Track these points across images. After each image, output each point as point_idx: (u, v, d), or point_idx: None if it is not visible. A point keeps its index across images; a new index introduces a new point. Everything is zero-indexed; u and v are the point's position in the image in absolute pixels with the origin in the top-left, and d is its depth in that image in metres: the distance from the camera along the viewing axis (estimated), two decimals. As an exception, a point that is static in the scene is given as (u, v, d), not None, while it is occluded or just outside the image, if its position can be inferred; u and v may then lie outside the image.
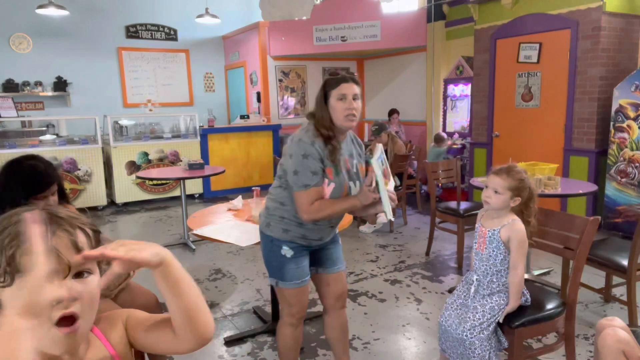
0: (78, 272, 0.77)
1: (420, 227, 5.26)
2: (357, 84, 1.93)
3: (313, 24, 7.44)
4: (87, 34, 7.87)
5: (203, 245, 4.71)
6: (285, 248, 2.00)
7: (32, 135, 6.93)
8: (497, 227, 2.03)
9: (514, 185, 2.00)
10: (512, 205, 2.03)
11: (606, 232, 4.49)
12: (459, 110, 6.94)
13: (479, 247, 2.09)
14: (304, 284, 2.06)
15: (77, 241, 0.77)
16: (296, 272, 2.02)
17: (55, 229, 0.76)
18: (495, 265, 2.03)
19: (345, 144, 2.00)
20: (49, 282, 0.73)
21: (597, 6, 4.59)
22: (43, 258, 0.72)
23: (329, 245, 2.14)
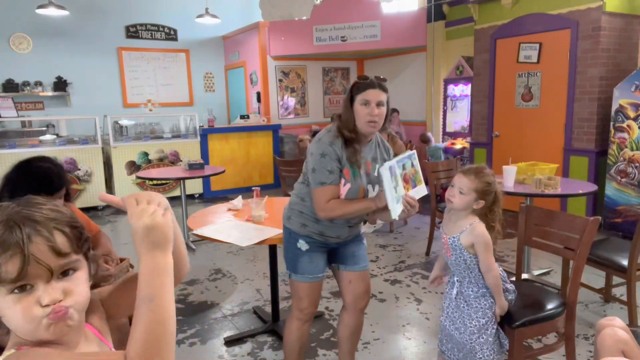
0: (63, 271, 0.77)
1: (420, 227, 5.26)
2: (384, 90, 1.96)
3: (313, 24, 7.44)
4: (87, 34, 7.87)
5: (203, 245, 4.71)
6: (301, 241, 2.07)
7: (32, 135, 6.94)
8: (456, 234, 1.96)
9: (480, 187, 1.92)
10: (475, 208, 1.95)
11: (606, 232, 4.49)
12: (459, 110, 6.94)
13: (446, 253, 2.04)
14: (316, 280, 2.09)
15: (55, 245, 0.75)
16: (309, 267, 2.07)
17: (31, 234, 0.73)
18: (468, 268, 1.97)
19: (369, 147, 2.03)
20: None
21: (597, 6, 4.59)
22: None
23: (352, 244, 2.15)
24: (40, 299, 0.73)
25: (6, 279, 0.72)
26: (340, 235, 2.08)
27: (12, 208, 0.77)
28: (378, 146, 2.07)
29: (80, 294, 0.78)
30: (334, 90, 8.74)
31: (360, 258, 2.16)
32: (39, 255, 0.73)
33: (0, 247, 0.72)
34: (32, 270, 0.72)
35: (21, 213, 0.76)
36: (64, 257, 0.76)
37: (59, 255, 0.75)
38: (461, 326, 1.99)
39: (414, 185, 1.91)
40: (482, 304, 1.98)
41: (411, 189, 1.89)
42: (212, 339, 2.88)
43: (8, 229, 0.73)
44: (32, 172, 1.96)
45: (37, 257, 0.72)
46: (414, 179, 1.91)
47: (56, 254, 0.75)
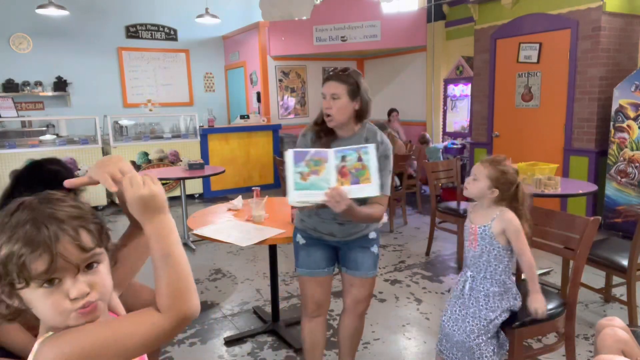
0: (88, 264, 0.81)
1: (420, 227, 5.26)
2: (343, 82, 1.91)
3: (313, 24, 7.44)
4: (87, 34, 7.87)
5: (203, 245, 4.71)
6: (299, 236, 2.13)
7: (32, 135, 6.93)
8: (487, 222, 1.98)
9: (494, 175, 1.94)
10: (490, 197, 1.97)
11: (606, 232, 4.49)
12: (459, 110, 6.94)
13: (471, 245, 2.06)
14: (314, 275, 2.10)
15: (81, 243, 0.79)
16: (306, 261, 2.10)
17: (57, 233, 0.77)
18: (488, 262, 1.99)
19: (350, 141, 1.93)
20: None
21: (597, 6, 4.59)
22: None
23: (357, 248, 2.09)
24: (69, 292, 0.78)
25: (36, 275, 0.76)
26: (332, 232, 2.04)
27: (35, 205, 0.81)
28: (367, 141, 1.93)
29: (104, 286, 0.83)
30: (334, 90, 8.73)
31: (362, 265, 2.09)
32: (66, 252, 0.77)
33: (29, 246, 0.75)
34: (59, 266, 0.76)
35: (46, 212, 0.79)
36: (88, 252, 0.80)
37: (84, 251, 0.79)
38: (462, 325, 1.99)
39: (355, 181, 1.71)
40: (490, 304, 1.98)
41: (349, 185, 1.71)
42: (212, 339, 2.88)
43: (35, 228, 0.77)
44: (42, 175, 1.96)
45: (64, 255, 0.77)
46: (356, 175, 1.72)
47: (81, 250, 0.79)
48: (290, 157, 1.71)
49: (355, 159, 1.73)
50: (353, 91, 1.91)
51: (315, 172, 1.70)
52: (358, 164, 1.73)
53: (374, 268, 2.14)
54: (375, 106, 7.46)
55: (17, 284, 0.76)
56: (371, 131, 2.00)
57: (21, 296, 0.78)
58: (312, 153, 1.73)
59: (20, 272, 0.75)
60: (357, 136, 1.98)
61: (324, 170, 1.71)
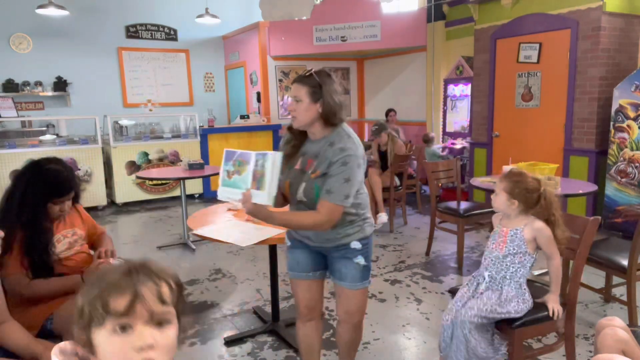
0: (159, 321, 0.83)
1: (420, 227, 5.26)
2: (304, 84, 1.83)
3: (313, 24, 7.44)
4: (87, 34, 7.87)
5: (203, 245, 4.71)
6: (286, 238, 2.14)
7: (32, 135, 6.94)
8: (520, 226, 2.06)
9: (509, 187, 2.03)
10: (512, 208, 2.05)
11: (606, 232, 4.49)
12: (459, 110, 6.94)
13: (497, 247, 2.11)
14: (297, 278, 2.09)
15: (161, 292, 0.84)
16: (291, 263, 2.10)
17: (143, 279, 0.84)
18: (512, 263, 2.06)
19: (317, 144, 1.89)
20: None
21: (597, 6, 4.59)
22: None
23: (341, 258, 1.99)
24: (136, 340, 0.80)
25: (114, 312, 0.80)
26: (308, 237, 1.99)
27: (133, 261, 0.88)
28: (331, 146, 1.84)
29: (168, 349, 0.84)
30: (334, 90, 8.73)
31: (346, 276, 1.99)
32: (147, 296, 0.82)
33: (115, 286, 0.82)
34: (137, 309, 0.81)
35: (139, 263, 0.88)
36: (165, 305, 0.84)
37: (162, 303, 0.84)
38: (465, 319, 2.01)
39: (257, 186, 1.76)
40: (501, 301, 2.01)
41: (254, 189, 1.76)
42: (212, 339, 2.88)
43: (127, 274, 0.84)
44: (42, 175, 1.97)
45: (144, 298, 0.82)
46: (259, 181, 1.75)
47: (160, 301, 0.83)
48: (224, 155, 1.84)
49: (261, 166, 1.77)
50: (314, 93, 1.82)
51: (237, 172, 1.79)
52: (261, 171, 1.77)
53: (361, 280, 2.01)
54: (376, 106, 7.42)
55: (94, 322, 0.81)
56: (339, 135, 1.87)
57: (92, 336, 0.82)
58: (238, 154, 1.80)
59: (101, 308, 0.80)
60: (324, 140, 1.88)
61: (244, 172, 1.78)
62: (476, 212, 4.02)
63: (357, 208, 1.93)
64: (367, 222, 2.00)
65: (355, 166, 1.82)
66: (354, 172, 1.81)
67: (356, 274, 2.00)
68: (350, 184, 1.80)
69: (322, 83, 1.83)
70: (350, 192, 1.81)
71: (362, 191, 1.96)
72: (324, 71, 1.89)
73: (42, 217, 1.95)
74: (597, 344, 1.74)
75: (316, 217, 1.82)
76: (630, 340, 1.69)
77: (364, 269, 2.00)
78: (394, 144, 5.32)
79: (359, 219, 1.96)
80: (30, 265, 1.92)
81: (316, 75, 1.84)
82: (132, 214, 6.23)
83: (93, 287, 0.84)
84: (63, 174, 2.01)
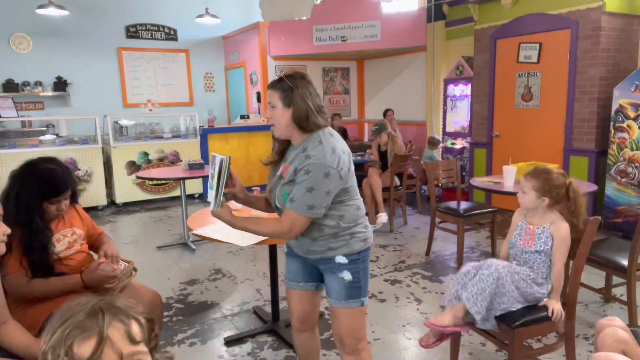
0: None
1: (420, 227, 5.26)
2: (276, 89, 1.73)
3: (313, 24, 7.44)
4: (87, 34, 7.87)
5: (203, 245, 4.71)
6: (285, 244, 2.09)
7: (32, 135, 6.94)
8: (546, 225, 2.13)
9: (539, 185, 2.10)
10: (543, 205, 2.12)
11: (606, 232, 4.49)
12: (459, 110, 6.94)
13: (525, 243, 2.17)
14: (291, 288, 2.03)
15: (131, 332, 0.79)
16: (285, 270, 2.07)
17: (111, 319, 0.78)
18: (540, 256, 2.13)
19: (295, 150, 1.79)
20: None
21: (597, 6, 4.59)
22: None
23: (326, 273, 1.89)
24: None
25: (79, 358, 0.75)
26: (294, 245, 1.93)
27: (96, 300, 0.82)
28: (303, 152, 1.71)
29: None
30: (334, 90, 8.74)
31: (332, 290, 1.86)
32: (115, 339, 0.77)
33: (79, 329, 0.76)
34: (105, 353, 0.76)
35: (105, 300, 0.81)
36: (136, 345, 0.79)
37: (132, 343, 0.79)
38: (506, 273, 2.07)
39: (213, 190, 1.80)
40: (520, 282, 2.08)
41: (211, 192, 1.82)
42: (212, 339, 2.88)
43: (92, 314, 0.78)
44: (38, 174, 1.97)
45: (112, 341, 0.76)
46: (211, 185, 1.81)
47: (130, 341, 0.78)
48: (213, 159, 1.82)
49: (213, 169, 1.80)
50: (286, 97, 1.71)
51: (212, 176, 1.80)
52: (212, 173, 1.80)
53: (346, 298, 1.83)
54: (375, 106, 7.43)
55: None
56: (311, 141, 1.73)
57: None
58: (213, 157, 1.80)
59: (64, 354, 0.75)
60: (300, 146, 1.76)
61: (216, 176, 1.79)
62: (476, 212, 4.02)
63: (340, 220, 1.76)
64: (355, 237, 1.81)
65: (321, 175, 1.65)
66: (318, 182, 1.64)
67: (340, 290, 1.83)
68: (313, 194, 1.65)
69: (294, 86, 1.71)
70: (314, 203, 1.66)
71: (350, 202, 1.79)
72: (297, 73, 1.77)
73: (39, 217, 1.94)
74: (597, 344, 1.74)
75: (276, 225, 1.74)
76: (630, 340, 1.69)
77: (349, 285, 1.82)
78: (394, 144, 5.32)
79: (343, 233, 1.78)
80: (30, 264, 1.92)
81: (287, 79, 1.72)
82: (132, 214, 6.23)
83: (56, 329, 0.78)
84: (58, 173, 2.01)
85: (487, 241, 4.48)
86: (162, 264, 4.25)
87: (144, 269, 4.00)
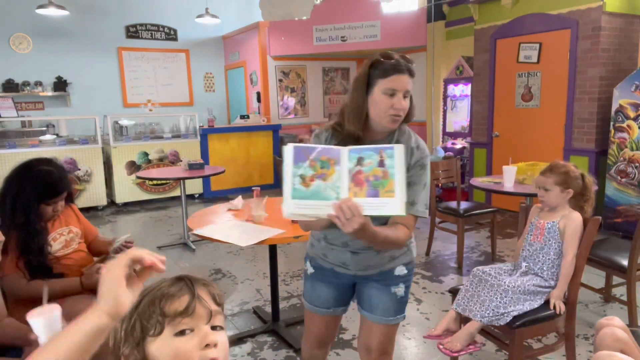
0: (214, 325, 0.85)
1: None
2: (413, 76, 1.48)
3: (313, 24, 7.44)
4: (87, 34, 7.87)
5: (203, 245, 4.71)
6: (307, 263, 1.78)
7: (32, 135, 6.93)
8: (556, 219, 2.15)
9: (561, 179, 2.12)
10: (567, 197, 2.14)
11: (606, 232, 4.49)
12: (459, 110, 6.94)
13: (535, 239, 2.20)
14: (315, 312, 1.75)
15: (214, 293, 0.87)
16: (310, 294, 1.76)
17: (196, 283, 0.86)
18: (548, 254, 2.15)
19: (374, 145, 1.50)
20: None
21: (597, 6, 4.59)
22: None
23: (375, 283, 1.67)
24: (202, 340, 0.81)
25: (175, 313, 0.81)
26: (345, 263, 1.64)
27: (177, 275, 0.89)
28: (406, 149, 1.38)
29: (225, 349, 0.85)
30: (334, 90, 8.74)
31: (377, 307, 1.66)
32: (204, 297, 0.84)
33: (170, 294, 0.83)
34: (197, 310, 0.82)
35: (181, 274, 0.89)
36: (220, 306, 0.87)
37: (217, 304, 0.86)
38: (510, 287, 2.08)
39: (372, 193, 1.26)
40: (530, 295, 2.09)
41: (364, 196, 1.25)
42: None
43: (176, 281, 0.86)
44: (33, 176, 1.96)
45: (202, 298, 0.84)
46: (375, 185, 1.26)
47: (215, 302, 0.86)
48: (290, 153, 1.27)
49: (376, 163, 1.27)
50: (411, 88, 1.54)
51: (321, 176, 1.27)
52: (378, 170, 1.26)
53: (395, 314, 1.66)
54: (375, 106, 7.25)
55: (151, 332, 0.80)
56: (405, 133, 1.56)
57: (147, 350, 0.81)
58: (320, 150, 1.27)
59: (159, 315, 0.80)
60: (387, 139, 1.54)
61: (333, 175, 1.27)
62: (476, 212, 4.02)
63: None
64: (413, 243, 1.68)
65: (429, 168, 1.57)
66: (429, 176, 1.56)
67: (390, 306, 1.66)
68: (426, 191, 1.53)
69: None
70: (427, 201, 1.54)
71: None
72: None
73: (36, 219, 1.94)
74: (595, 343, 1.74)
75: (406, 233, 1.49)
76: (629, 340, 1.69)
77: (400, 300, 1.67)
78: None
79: None
80: (27, 266, 1.91)
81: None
82: (132, 214, 6.23)
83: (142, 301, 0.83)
84: (54, 175, 2.00)
85: (487, 241, 4.48)
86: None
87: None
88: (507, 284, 2.06)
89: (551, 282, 2.15)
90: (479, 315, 2.06)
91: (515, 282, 2.08)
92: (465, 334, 2.08)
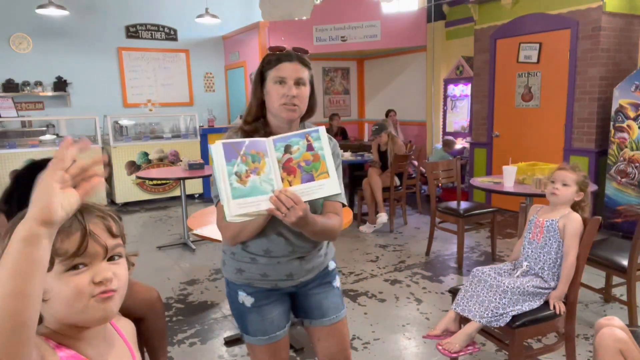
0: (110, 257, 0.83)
1: (420, 227, 5.26)
2: (306, 65, 1.50)
3: (313, 24, 7.44)
4: (87, 34, 7.87)
5: (203, 245, 4.71)
6: (241, 294, 1.54)
7: (32, 135, 6.93)
8: (556, 218, 2.16)
9: (580, 180, 2.16)
10: (576, 199, 2.17)
11: (606, 232, 4.48)
12: (459, 110, 6.95)
13: (534, 237, 2.20)
14: (274, 341, 1.57)
15: (110, 226, 0.83)
16: (261, 326, 1.54)
17: (90, 216, 0.81)
18: (549, 254, 2.15)
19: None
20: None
21: (597, 6, 4.59)
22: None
23: (317, 289, 1.61)
24: (95, 276, 0.79)
25: (66, 253, 0.77)
26: (292, 274, 1.52)
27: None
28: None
29: (124, 278, 0.84)
30: (334, 90, 8.74)
31: (329, 308, 1.61)
32: (97, 232, 0.80)
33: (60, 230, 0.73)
34: (90, 247, 0.79)
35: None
36: (116, 238, 0.83)
37: (112, 236, 0.82)
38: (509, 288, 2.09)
39: (307, 177, 1.26)
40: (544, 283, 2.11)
41: (299, 183, 1.26)
42: (212, 339, 2.88)
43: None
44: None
45: (95, 234, 0.80)
46: (307, 169, 1.27)
47: (110, 235, 0.82)
48: (220, 151, 1.21)
49: (304, 148, 1.28)
50: (311, 78, 1.52)
51: (254, 170, 1.24)
52: (308, 154, 1.28)
53: (342, 306, 1.66)
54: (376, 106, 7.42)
55: None
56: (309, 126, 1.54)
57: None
58: (247, 144, 1.25)
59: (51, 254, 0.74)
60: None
61: (265, 167, 1.24)
62: (476, 212, 4.02)
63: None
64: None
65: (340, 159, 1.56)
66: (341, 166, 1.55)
67: (338, 300, 1.64)
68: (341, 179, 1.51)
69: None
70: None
71: None
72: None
73: None
74: (595, 343, 1.74)
75: (339, 221, 1.48)
76: (629, 340, 1.69)
77: (341, 292, 1.68)
78: (394, 144, 5.32)
79: None
80: None
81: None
82: (132, 214, 6.23)
83: None
84: None
85: (487, 241, 4.48)
86: (162, 264, 4.25)
87: (144, 269, 4.00)
88: (506, 284, 2.06)
89: (551, 282, 2.14)
90: (477, 315, 2.06)
91: (515, 283, 2.08)
92: (464, 335, 2.08)
